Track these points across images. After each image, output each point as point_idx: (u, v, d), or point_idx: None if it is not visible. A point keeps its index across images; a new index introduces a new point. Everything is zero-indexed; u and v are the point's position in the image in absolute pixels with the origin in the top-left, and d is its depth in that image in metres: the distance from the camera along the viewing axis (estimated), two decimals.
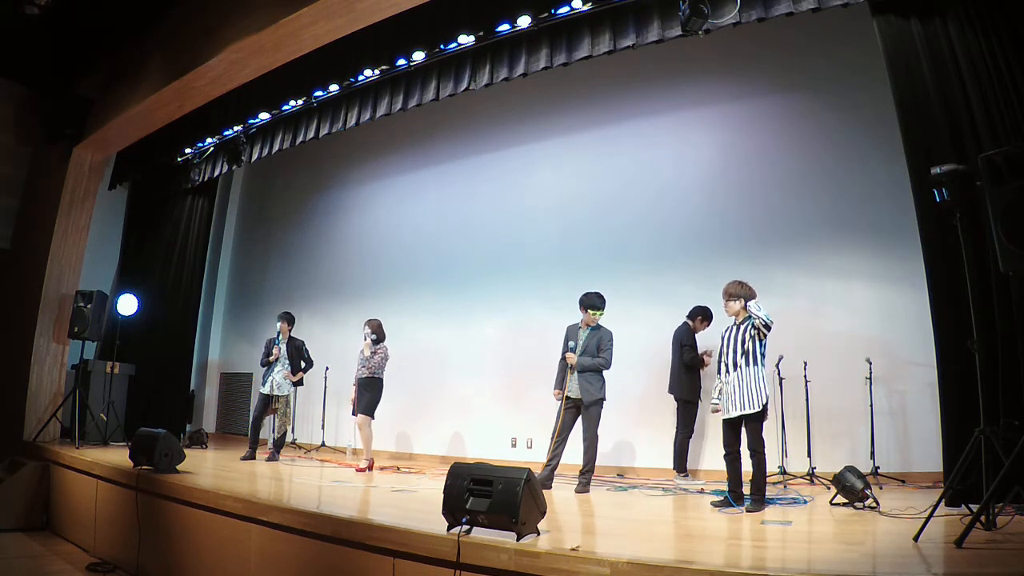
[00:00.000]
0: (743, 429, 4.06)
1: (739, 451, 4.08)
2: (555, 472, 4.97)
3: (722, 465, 4.18)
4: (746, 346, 4.08)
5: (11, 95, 7.86)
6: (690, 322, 5.82)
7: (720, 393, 4.18)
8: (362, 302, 8.19)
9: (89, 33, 7.11)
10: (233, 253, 10.27)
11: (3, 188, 7.98)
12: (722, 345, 4.24)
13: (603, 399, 4.99)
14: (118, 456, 5.56)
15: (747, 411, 3.99)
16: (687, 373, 5.71)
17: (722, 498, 4.08)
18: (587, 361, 4.98)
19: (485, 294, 7.49)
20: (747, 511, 3.86)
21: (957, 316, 3.64)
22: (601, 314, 5.07)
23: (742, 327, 4.15)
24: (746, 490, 4.00)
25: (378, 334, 6.31)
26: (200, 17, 6.17)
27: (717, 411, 4.19)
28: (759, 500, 3.91)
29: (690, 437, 5.71)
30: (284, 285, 9.32)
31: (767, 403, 4.01)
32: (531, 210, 7.36)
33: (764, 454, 3.96)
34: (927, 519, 2.95)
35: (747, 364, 4.05)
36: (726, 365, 4.16)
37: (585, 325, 5.11)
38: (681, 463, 5.65)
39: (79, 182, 7.71)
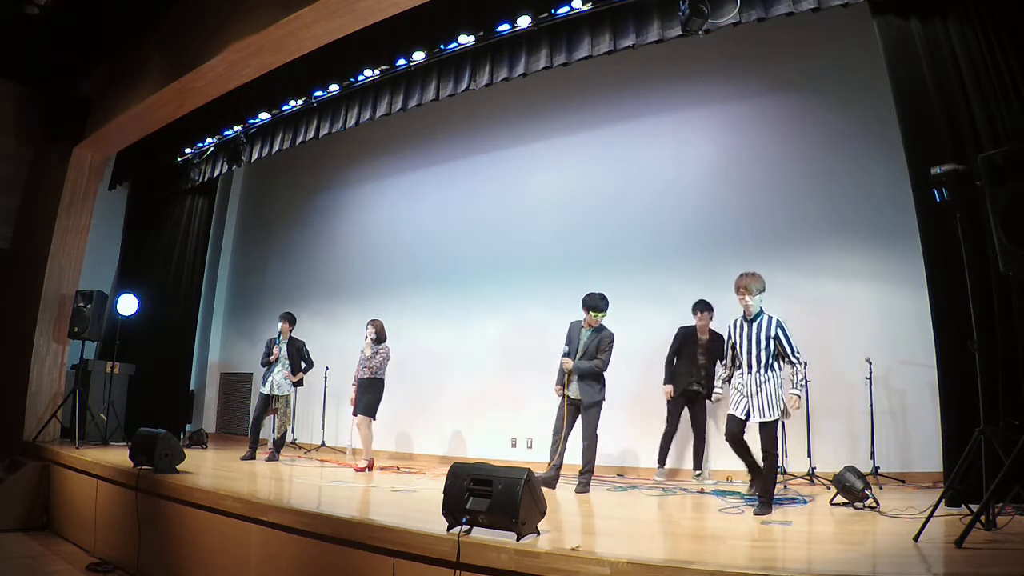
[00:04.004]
0: (746, 425, 3.97)
1: (742, 437, 3.98)
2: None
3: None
4: (770, 347, 3.93)
5: (11, 95, 7.86)
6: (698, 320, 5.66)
7: (725, 382, 4.02)
8: (362, 302, 8.19)
9: (89, 33, 7.09)
10: (233, 253, 10.26)
11: (3, 188, 7.98)
12: (737, 339, 4.05)
13: (603, 400, 4.98)
14: (118, 456, 5.55)
15: (764, 419, 3.88)
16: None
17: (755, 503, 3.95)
18: (584, 365, 4.94)
19: (485, 294, 7.49)
20: (755, 513, 3.80)
21: (957, 316, 3.64)
22: (604, 316, 5.03)
23: (755, 324, 3.98)
24: (749, 490, 3.97)
25: (380, 335, 6.31)
26: (200, 17, 6.17)
27: (719, 399, 4.05)
28: (767, 503, 3.84)
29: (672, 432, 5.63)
30: (284, 285, 9.32)
31: (785, 408, 3.94)
32: (531, 210, 7.35)
33: (776, 456, 3.89)
34: (927, 519, 2.95)
35: (768, 369, 3.91)
36: (748, 364, 3.97)
37: (587, 326, 5.09)
38: (661, 456, 5.57)
39: (79, 182, 7.71)
